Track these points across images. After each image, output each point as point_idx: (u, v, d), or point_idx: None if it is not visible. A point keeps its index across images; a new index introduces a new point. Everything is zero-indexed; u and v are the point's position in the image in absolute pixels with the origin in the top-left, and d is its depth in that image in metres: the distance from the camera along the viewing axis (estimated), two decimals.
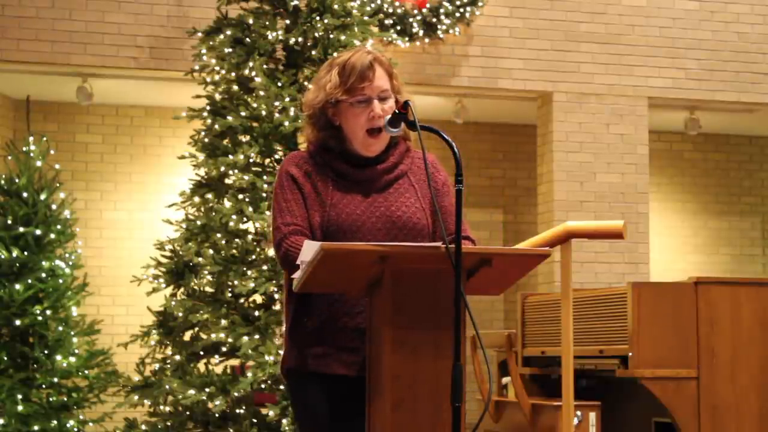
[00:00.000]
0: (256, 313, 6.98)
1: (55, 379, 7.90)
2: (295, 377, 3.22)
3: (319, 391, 3.16)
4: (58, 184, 8.28)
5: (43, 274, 7.96)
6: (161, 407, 7.05)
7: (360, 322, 3.14)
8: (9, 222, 7.98)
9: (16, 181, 8.07)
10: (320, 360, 3.15)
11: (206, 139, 7.30)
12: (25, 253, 7.96)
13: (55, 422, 7.83)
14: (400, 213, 3.21)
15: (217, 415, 6.89)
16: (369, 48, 3.41)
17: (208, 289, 7.10)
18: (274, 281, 6.78)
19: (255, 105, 7.14)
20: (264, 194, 6.99)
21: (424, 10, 9.23)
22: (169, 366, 7.08)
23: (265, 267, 6.88)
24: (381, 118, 3.20)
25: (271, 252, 6.86)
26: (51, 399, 7.92)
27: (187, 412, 6.98)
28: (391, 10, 9.10)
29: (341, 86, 3.21)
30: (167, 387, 6.89)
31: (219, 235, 7.05)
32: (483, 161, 11.05)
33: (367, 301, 3.05)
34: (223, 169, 7.10)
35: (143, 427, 7.19)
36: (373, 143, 3.23)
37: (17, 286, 7.81)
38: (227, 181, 7.16)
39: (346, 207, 3.18)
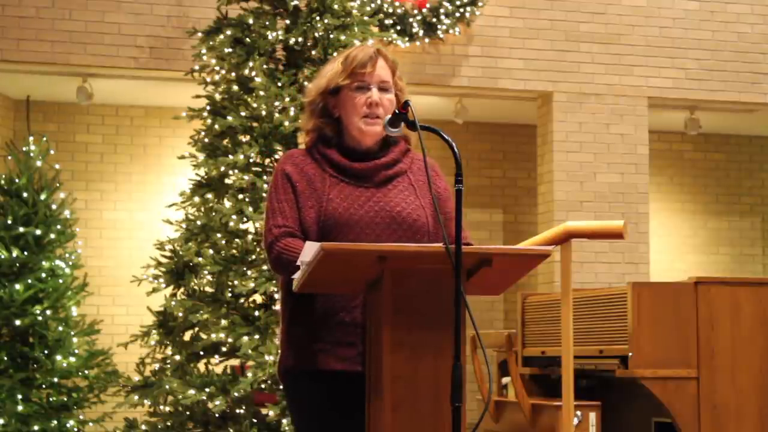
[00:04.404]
0: (256, 313, 6.98)
1: (55, 379, 7.90)
2: (293, 376, 3.20)
3: (317, 388, 3.15)
4: (58, 184, 8.27)
5: (43, 274, 7.96)
6: (161, 407, 7.04)
7: (357, 317, 3.12)
8: (9, 222, 7.97)
9: (16, 181, 8.06)
10: (318, 357, 3.13)
11: (206, 139, 7.30)
12: (25, 253, 7.95)
13: (55, 422, 7.83)
14: (400, 209, 3.19)
15: (217, 415, 6.88)
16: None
17: (208, 289, 7.10)
18: (274, 281, 6.78)
19: (255, 105, 7.14)
20: (264, 194, 6.98)
21: (424, 10, 9.22)
22: (169, 366, 7.08)
23: (265, 267, 6.87)
24: (378, 107, 3.21)
25: None
26: (51, 399, 7.92)
27: (187, 412, 6.98)
28: (391, 10, 9.10)
29: (343, 72, 3.24)
30: (167, 387, 6.89)
31: (219, 235, 7.05)
32: (483, 161, 11.05)
33: (367, 301, 3.05)
34: (223, 169, 7.10)
35: (143, 427, 7.19)
36: (370, 126, 3.22)
37: (17, 286, 7.81)
38: (227, 181, 7.16)
39: (344, 201, 3.17)
